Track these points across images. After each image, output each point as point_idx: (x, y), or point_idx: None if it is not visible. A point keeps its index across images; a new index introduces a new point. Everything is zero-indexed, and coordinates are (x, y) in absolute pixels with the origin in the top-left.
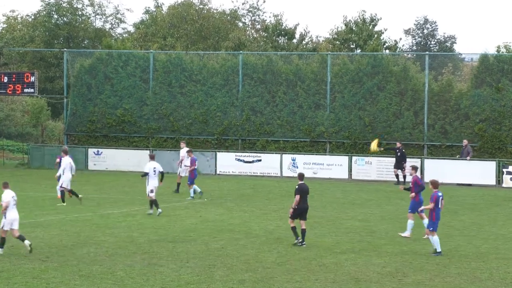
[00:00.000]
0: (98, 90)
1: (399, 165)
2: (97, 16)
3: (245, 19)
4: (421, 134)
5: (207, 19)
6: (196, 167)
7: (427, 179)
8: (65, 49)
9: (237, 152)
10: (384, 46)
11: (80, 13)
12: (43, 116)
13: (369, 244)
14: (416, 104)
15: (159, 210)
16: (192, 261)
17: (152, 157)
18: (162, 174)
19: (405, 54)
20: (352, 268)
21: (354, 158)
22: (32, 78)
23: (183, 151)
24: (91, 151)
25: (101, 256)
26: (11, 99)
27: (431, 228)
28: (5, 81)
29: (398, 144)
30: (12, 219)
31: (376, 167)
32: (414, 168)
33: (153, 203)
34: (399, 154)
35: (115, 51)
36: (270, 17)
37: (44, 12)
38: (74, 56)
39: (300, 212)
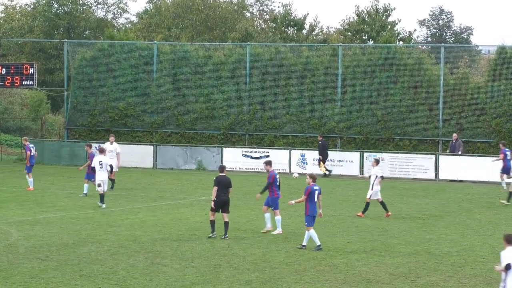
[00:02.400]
0: (100, 82)
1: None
2: (98, 6)
3: (252, 9)
4: (436, 129)
5: (213, 9)
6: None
7: (442, 176)
8: (66, 39)
9: (244, 147)
10: (398, 37)
11: (81, 2)
12: (42, 110)
13: (381, 244)
14: (430, 98)
15: (103, 205)
16: (197, 261)
17: (101, 151)
18: (111, 167)
19: (420, 46)
20: (363, 269)
21: (365, 154)
22: (31, 70)
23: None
24: (93, 146)
25: (102, 255)
26: (9, 92)
27: (306, 223)
28: (3, 73)
29: (320, 138)
30: None
31: (388, 164)
32: (268, 163)
33: (101, 196)
34: (319, 146)
35: (117, 42)
36: (278, 7)
37: (44, 1)
38: (75, 47)
39: (220, 205)
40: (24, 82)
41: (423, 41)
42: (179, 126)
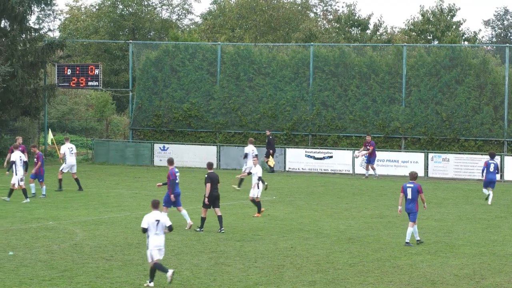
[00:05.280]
0: (164, 83)
1: (267, 152)
2: (163, 7)
3: (316, 9)
4: (501, 130)
5: (276, 10)
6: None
7: (507, 177)
8: (131, 40)
9: (307, 148)
10: (463, 37)
11: (146, 3)
12: (107, 110)
13: (446, 245)
14: (495, 99)
15: (27, 199)
16: (260, 261)
17: (15, 147)
18: (26, 164)
19: (485, 46)
20: (428, 270)
21: (430, 155)
22: (97, 71)
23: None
24: (157, 147)
25: (166, 255)
26: (74, 93)
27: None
28: (69, 73)
29: (268, 132)
30: None
31: (453, 165)
32: (169, 161)
33: (24, 191)
34: (267, 141)
35: (181, 43)
36: (342, 7)
37: (109, 2)
38: (140, 48)
39: (211, 200)
40: (90, 83)
41: (488, 42)
42: (242, 127)
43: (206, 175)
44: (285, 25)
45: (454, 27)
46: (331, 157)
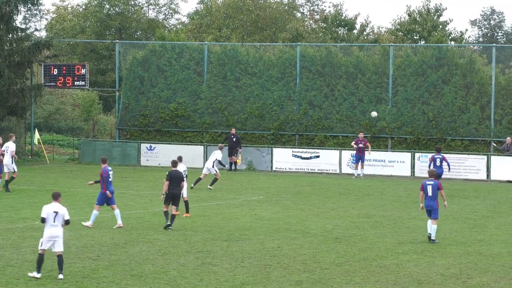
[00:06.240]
0: (151, 83)
1: (234, 151)
2: (150, 7)
3: (303, 9)
4: (488, 129)
5: (263, 10)
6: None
7: (493, 177)
8: (117, 40)
9: (294, 148)
10: (449, 37)
11: (132, 3)
12: (94, 110)
13: (432, 245)
14: (482, 99)
15: None
16: (247, 261)
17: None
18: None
19: (471, 46)
20: (414, 270)
21: (417, 155)
22: (83, 71)
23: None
24: (144, 146)
25: (153, 255)
26: (61, 92)
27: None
28: (55, 73)
29: (233, 130)
30: None
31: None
32: (103, 160)
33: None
34: (234, 139)
35: (168, 43)
36: (329, 7)
37: (95, 2)
38: (126, 48)
39: (171, 197)
40: (76, 83)
41: (474, 41)
42: (229, 127)
43: (167, 173)
44: (272, 25)
45: (440, 27)
46: (318, 156)
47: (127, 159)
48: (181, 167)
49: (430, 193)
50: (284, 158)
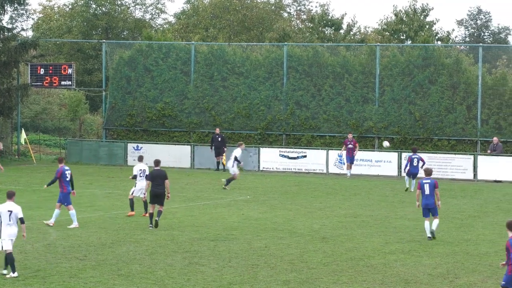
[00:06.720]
0: (138, 83)
1: (220, 151)
2: (136, 6)
3: (290, 9)
4: (474, 129)
5: (250, 9)
6: None
7: (480, 177)
8: (104, 40)
9: (281, 147)
10: (436, 37)
11: (119, 2)
12: (80, 110)
13: (420, 244)
14: (469, 98)
15: None
16: (234, 261)
17: None
18: None
19: (458, 46)
20: (402, 269)
21: (403, 155)
22: (70, 70)
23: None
24: (131, 146)
25: (140, 255)
26: (47, 92)
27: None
28: (42, 73)
29: (217, 130)
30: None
31: (427, 164)
32: (59, 160)
33: None
34: (219, 139)
35: (155, 43)
36: (316, 7)
37: (82, 2)
38: (113, 47)
39: (154, 196)
40: (63, 82)
41: (461, 41)
42: (216, 126)
43: (148, 173)
44: (258, 24)
45: (427, 26)
46: (305, 156)
47: (114, 159)
48: (141, 166)
49: (427, 192)
50: (271, 158)
